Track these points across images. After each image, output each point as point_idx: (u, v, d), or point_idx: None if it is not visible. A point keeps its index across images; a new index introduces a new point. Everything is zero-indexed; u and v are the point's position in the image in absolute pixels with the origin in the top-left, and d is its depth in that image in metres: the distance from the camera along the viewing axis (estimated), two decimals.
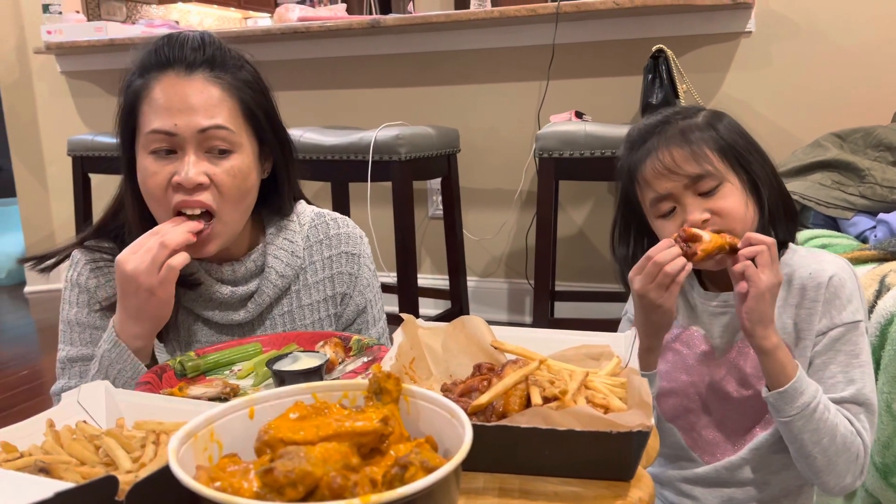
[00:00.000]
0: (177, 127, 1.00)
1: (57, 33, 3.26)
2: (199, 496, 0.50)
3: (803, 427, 0.95)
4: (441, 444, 0.61)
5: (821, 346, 1.02)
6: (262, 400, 0.65)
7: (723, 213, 1.02)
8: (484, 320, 0.91)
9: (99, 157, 2.94)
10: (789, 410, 0.95)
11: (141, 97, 1.02)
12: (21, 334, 3.22)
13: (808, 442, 0.96)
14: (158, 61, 1.03)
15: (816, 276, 1.03)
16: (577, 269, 2.82)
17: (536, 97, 2.74)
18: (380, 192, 2.63)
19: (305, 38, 2.95)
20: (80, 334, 1.10)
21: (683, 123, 1.06)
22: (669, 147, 1.04)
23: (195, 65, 1.03)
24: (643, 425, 0.65)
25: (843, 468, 0.97)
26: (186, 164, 1.00)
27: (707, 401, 1.08)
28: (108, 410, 0.77)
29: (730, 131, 1.06)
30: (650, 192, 1.06)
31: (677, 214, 1.04)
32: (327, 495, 0.49)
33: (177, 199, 1.01)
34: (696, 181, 1.02)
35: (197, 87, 1.02)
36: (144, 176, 1.02)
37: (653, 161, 1.04)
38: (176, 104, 1.00)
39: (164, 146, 1.01)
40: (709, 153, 1.03)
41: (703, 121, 1.07)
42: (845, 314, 1.01)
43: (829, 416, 0.95)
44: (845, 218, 1.87)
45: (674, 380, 1.09)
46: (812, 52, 2.43)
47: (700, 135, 1.04)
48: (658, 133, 1.06)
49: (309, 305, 1.18)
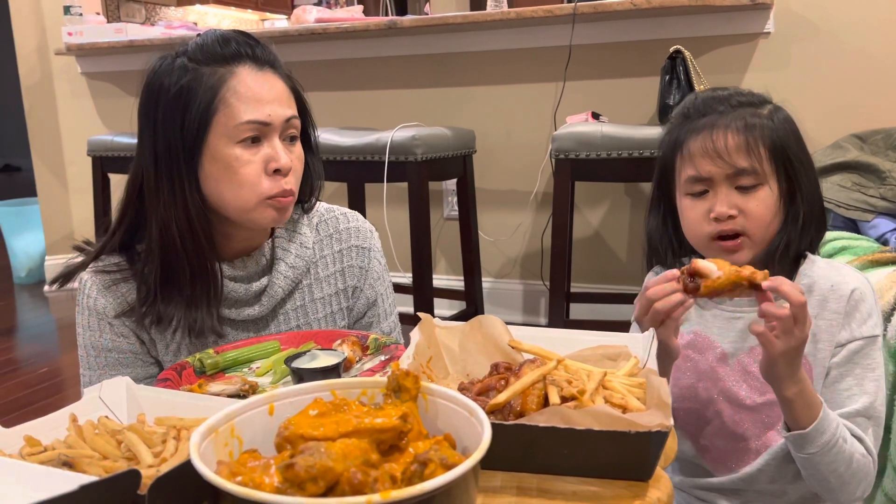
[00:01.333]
0: (269, 117, 1.04)
1: (77, 35, 3.30)
2: (220, 491, 0.51)
3: (821, 461, 0.94)
4: (460, 441, 0.61)
5: (839, 357, 1.00)
6: (281, 396, 0.66)
7: (750, 215, 1.00)
8: (501, 320, 0.91)
9: (118, 158, 2.97)
10: (810, 448, 0.94)
11: (221, 89, 1.03)
12: (41, 332, 3.26)
13: (826, 471, 0.95)
14: (230, 54, 1.05)
15: (838, 288, 1.01)
16: (593, 270, 2.82)
17: (553, 98, 2.74)
18: (396, 193, 2.64)
19: (322, 40, 2.97)
20: (95, 358, 1.11)
21: (749, 111, 1.02)
22: (728, 131, 1.00)
23: (263, 61, 1.07)
24: (662, 425, 0.64)
25: (854, 487, 0.97)
26: (279, 150, 1.05)
27: (719, 407, 1.06)
28: (129, 406, 0.78)
29: (788, 135, 1.03)
30: (690, 168, 1.03)
31: (707, 199, 1.02)
32: (347, 491, 0.50)
33: (273, 184, 1.05)
34: (739, 174, 1.00)
35: (271, 80, 1.07)
36: (236, 165, 1.03)
37: (705, 139, 1.01)
38: (265, 96, 1.04)
39: (253, 135, 1.04)
40: (762, 151, 1.00)
41: (768, 117, 1.03)
42: (865, 328, 1.00)
43: (847, 447, 0.94)
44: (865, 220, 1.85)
45: (685, 386, 1.08)
46: (832, 53, 2.41)
47: (761, 129, 1.01)
48: (721, 112, 1.03)
49: (321, 299, 1.19)
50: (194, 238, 1.05)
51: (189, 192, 1.04)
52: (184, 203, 1.04)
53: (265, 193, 1.05)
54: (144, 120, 1.06)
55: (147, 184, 1.06)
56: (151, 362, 1.13)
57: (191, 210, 1.05)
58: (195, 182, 1.05)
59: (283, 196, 1.07)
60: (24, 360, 2.88)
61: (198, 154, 1.04)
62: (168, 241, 1.05)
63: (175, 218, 1.04)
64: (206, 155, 1.04)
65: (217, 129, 1.03)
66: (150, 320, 1.07)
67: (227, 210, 1.07)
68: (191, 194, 1.04)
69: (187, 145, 1.03)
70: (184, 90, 1.02)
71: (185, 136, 1.03)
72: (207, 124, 1.02)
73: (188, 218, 1.05)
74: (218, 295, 1.09)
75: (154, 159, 1.04)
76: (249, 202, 1.05)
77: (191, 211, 1.05)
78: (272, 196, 1.06)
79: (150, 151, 1.05)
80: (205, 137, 1.03)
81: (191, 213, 1.05)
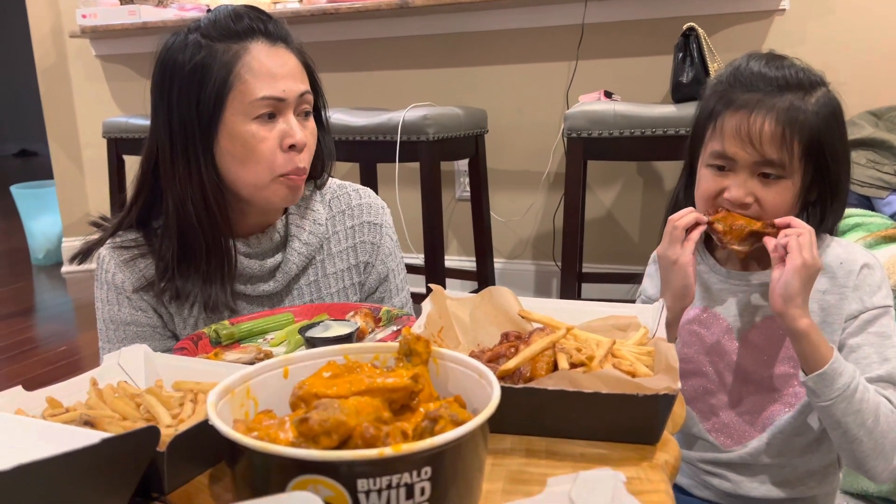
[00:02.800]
0: (284, 92, 1.05)
1: (91, 17, 3.31)
2: (236, 447, 0.52)
3: (846, 409, 0.92)
4: (469, 403, 0.62)
5: (852, 327, 1.00)
6: (296, 360, 0.67)
7: (765, 205, 0.99)
8: (511, 291, 0.92)
9: (133, 139, 2.99)
10: (830, 393, 0.92)
11: (236, 66, 1.03)
12: (59, 312, 3.31)
13: (853, 425, 0.93)
14: (243, 30, 1.05)
15: (847, 264, 1.01)
16: (605, 250, 2.81)
17: (565, 77, 2.73)
18: (408, 174, 2.65)
19: (334, 20, 2.97)
20: (115, 332, 1.13)
21: (795, 98, 0.97)
22: (767, 116, 0.96)
23: (276, 37, 1.07)
24: (670, 388, 0.65)
25: (890, 450, 0.94)
26: (294, 126, 1.06)
27: (726, 381, 1.07)
28: (148, 372, 0.80)
29: (830, 130, 0.99)
30: (718, 143, 1.00)
31: (726, 177, 1.00)
32: (360, 444, 0.51)
33: (287, 160, 1.06)
34: (765, 164, 0.98)
35: (284, 56, 1.07)
36: (252, 142, 1.04)
37: (741, 119, 0.98)
38: (278, 72, 1.05)
39: (269, 111, 1.04)
40: (796, 146, 0.97)
41: (814, 107, 0.98)
42: (877, 298, 1.00)
43: (870, 396, 0.93)
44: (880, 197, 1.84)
45: (692, 361, 1.09)
46: (847, 30, 2.38)
47: (801, 124, 0.97)
48: (766, 93, 0.98)
49: (333, 274, 1.21)
50: (209, 214, 1.06)
51: (205, 168, 1.05)
52: (199, 180, 1.05)
53: (280, 170, 1.06)
54: (158, 97, 1.06)
55: (162, 160, 1.07)
56: (169, 336, 1.14)
57: (206, 187, 1.05)
58: (211, 159, 1.05)
59: (297, 174, 1.08)
60: (43, 339, 2.93)
61: (213, 131, 1.04)
62: (184, 217, 1.06)
63: (191, 194, 1.05)
64: (222, 132, 1.04)
65: (233, 106, 1.03)
66: (169, 296, 1.09)
67: (241, 187, 1.08)
68: (206, 171, 1.05)
69: (203, 122, 1.03)
70: (198, 67, 1.03)
71: (201, 113, 1.03)
72: (223, 101, 1.03)
73: (203, 195, 1.06)
74: (232, 271, 1.10)
75: (169, 136, 1.05)
76: (264, 179, 1.06)
77: (206, 188, 1.05)
78: (286, 173, 1.06)
79: (166, 128, 1.05)
80: (220, 114, 1.03)
81: (206, 190, 1.06)
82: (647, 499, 0.60)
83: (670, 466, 0.67)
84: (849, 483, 1.58)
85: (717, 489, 1.09)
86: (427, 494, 0.52)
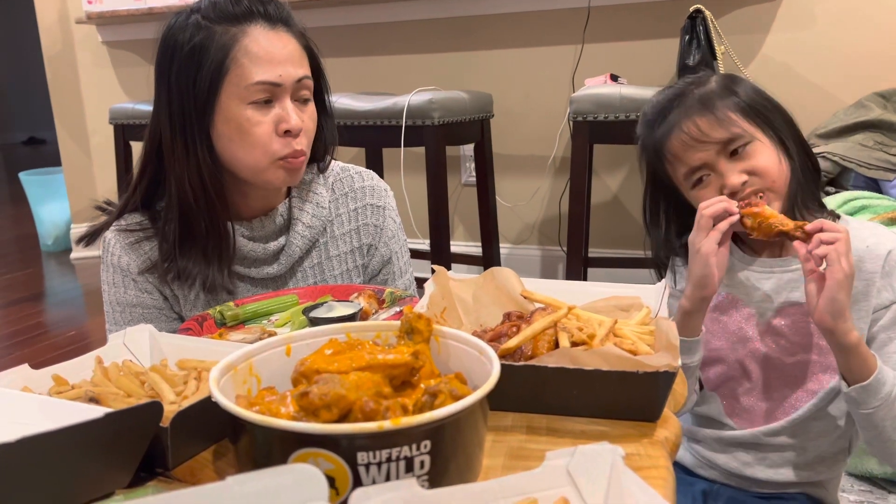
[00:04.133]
0: (281, 77, 1.04)
1: (97, 3, 3.31)
2: (238, 421, 0.53)
3: (886, 415, 0.93)
4: (470, 380, 0.63)
5: (885, 319, 1.00)
6: (298, 338, 0.68)
7: (758, 172, 1.01)
8: (514, 272, 0.92)
9: (140, 125, 2.98)
10: (873, 402, 0.93)
11: (233, 49, 1.03)
12: (68, 298, 3.33)
13: (890, 428, 0.94)
14: (242, 13, 1.04)
15: (875, 248, 1.00)
16: (611, 235, 2.81)
17: (571, 61, 2.71)
18: (413, 159, 2.64)
19: (339, 5, 2.96)
20: (121, 314, 1.13)
21: (700, 92, 1.05)
22: (692, 117, 1.03)
23: (276, 19, 1.07)
24: (670, 366, 0.65)
25: None
26: (290, 111, 1.05)
27: (748, 367, 1.07)
28: (152, 352, 0.81)
29: (747, 92, 1.05)
30: (681, 166, 1.05)
31: (713, 181, 1.04)
32: (360, 418, 0.51)
33: (284, 145, 1.06)
34: (726, 145, 1.01)
35: (284, 39, 1.06)
36: (247, 126, 1.04)
37: (678, 134, 1.04)
38: (277, 56, 1.04)
39: (265, 96, 1.04)
40: (732, 116, 1.02)
41: (719, 86, 1.06)
42: None
43: None
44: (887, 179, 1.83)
45: (715, 347, 1.09)
46: (856, 10, 2.35)
47: (720, 100, 1.03)
48: (676, 106, 1.06)
49: (337, 257, 1.21)
50: (207, 196, 1.07)
51: (201, 151, 1.05)
52: (196, 162, 1.06)
53: (276, 154, 1.06)
54: (159, 77, 1.07)
55: (164, 141, 1.07)
56: (175, 318, 1.15)
57: (203, 169, 1.06)
58: (207, 141, 1.06)
59: (295, 157, 1.07)
60: (52, 324, 2.95)
61: (210, 114, 1.04)
62: (184, 198, 1.07)
63: (188, 176, 1.06)
64: (219, 115, 1.04)
65: (228, 90, 1.03)
66: (173, 276, 1.10)
67: (240, 170, 1.08)
68: (202, 153, 1.05)
69: (199, 105, 1.04)
70: (196, 48, 1.03)
71: (198, 95, 1.03)
72: (219, 84, 1.03)
73: (200, 177, 1.06)
74: (230, 253, 1.11)
75: (169, 117, 1.06)
76: (261, 163, 1.06)
77: (203, 170, 1.06)
78: (283, 157, 1.06)
79: (166, 109, 1.06)
80: (216, 97, 1.03)
81: (203, 172, 1.06)
82: (647, 474, 0.61)
83: (671, 443, 0.67)
84: (853, 465, 1.58)
85: (723, 469, 1.09)
86: (427, 468, 0.52)
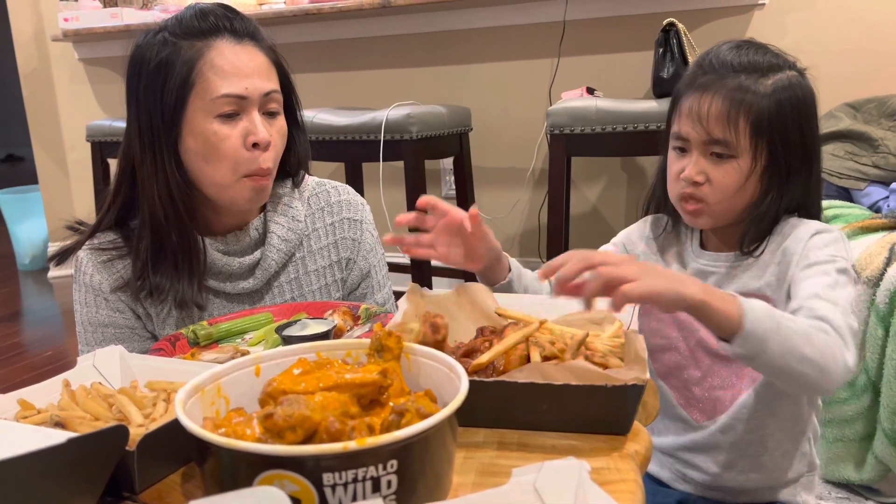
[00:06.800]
0: (247, 90, 1.04)
1: (73, 20, 3.29)
2: (204, 444, 0.52)
3: (779, 349, 0.80)
4: (440, 397, 0.63)
5: (798, 274, 0.95)
6: (268, 358, 0.68)
7: (715, 185, 1.00)
8: (486, 287, 0.93)
9: (117, 143, 2.97)
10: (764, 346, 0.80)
11: (198, 63, 1.02)
12: (45, 317, 3.29)
13: (792, 360, 0.81)
14: (208, 28, 1.04)
15: (799, 233, 1.00)
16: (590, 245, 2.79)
17: (548, 74, 2.73)
18: (393, 173, 2.65)
19: (317, 20, 2.96)
20: (93, 334, 1.12)
21: (746, 81, 0.99)
22: (715, 95, 0.99)
23: (242, 34, 1.07)
24: (638, 379, 0.66)
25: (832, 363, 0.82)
26: (258, 124, 1.05)
27: (696, 355, 1.08)
28: (123, 373, 0.80)
29: (784, 114, 0.98)
30: (676, 124, 1.04)
31: (685, 158, 1.03)
32: (325, 439, 0.51)
33: (251, 159, 1.05)
34: (713, 143, 1.00)
35: (250, 53, 1.06)
36: (214, 140, 1.03)
37: (694, 100, 1.01)
38: (242, 69, 1.04)
39: (231, 109, 1.04)
40: (742, 124, 0.98)
41: (768, 89, 0.98)
42: (822, 253, 0.95)
43: (795, 325, 0.82)
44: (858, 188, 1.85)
45: (665, 336, 1.10)
46: (826, 24, 2.40)
47: (750, 102, 0.97)
48: (720, 75, 1.00)
49: (315, 271, 1.21)
50: (176, 211, 1.06)
51: (169, 166, 1.05)
52: (165, 177, 1.05)
53: (243, 169, 1.05)
54: (129, 94, 1.07)
55: (135, 158, 1.07)
56: (148, 337, 1.14)
57: (171, 184, 1.06)
58: (175, 157, 1.06)
59: (261, 174, 1.07)
60: (29, 343, 2.92)
61: (177, 128, 1.04)
62: (154, 214, 1.07)
63: (158, 191, 1.06)
64: (185, 129, 1.04)
65: (194, 103, 1.03)
66: (146, 293, 1.09)
67: (206, 185, 1.08)
68: (171, 169, 1.05)
69: (166, 119, 1.04)
70: (162, 64, 1.03)
71: (164, 109, 1.03)
72: (185, 98, 1.03)
73: (169, 192, 1.06)
74: (201, 268, 1.10)
75: (139, 134, 1.06)
76: (227, 178, 1.06)
77: (171, 185, 1.06)
78: (249, 174, 1.06)
79: (135, 125, 1.06)
80: (182, 111, 1.03)
81: (171, 188, 1.06)
82: (616, 488, 0.61)
83: (640, 456, 0.67)
84: (830, 472, 1.60)
85: (697, 482, 1.10)
86: (394, 487, 0.52)
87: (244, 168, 1.06)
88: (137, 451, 0.59)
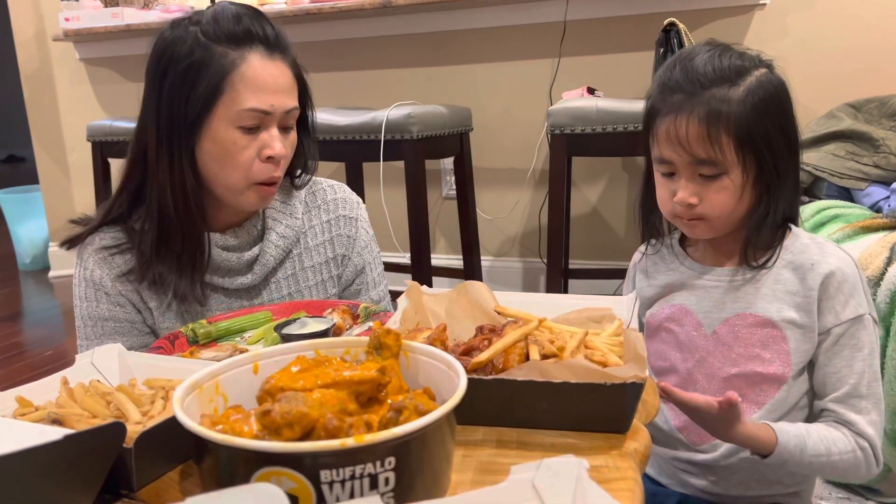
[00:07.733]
0: (272, 107, 1.06)
1: (74, 20, 3.29)
2: (201, 441, 0.52)
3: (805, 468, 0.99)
4: (439, 394, 0.63)
5: (826, 343, 1.00)
6: (266, 356, 0.68)
7: (710, 203, 0.98)
8: (487, 286, 0.93)
9: (118, 142, 2.97)
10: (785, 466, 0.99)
11: (230, 75, 1.04)
12: (46, 317, 3.29)
13: (816, 470, 1.00)
14: (242, 33, 1.05)
15: (818, 266, 0.99)
16: (591, 246, 2.82)
17: (549, 74, 2.73)
18: (393, 173, 2.65)
19: (318, 20, 2.96)
20: (93, 328, 1.13)
21: (718, 94, 0.95)
22: (690, 116, 0.95)
23: (274, 47, 1.08)
24: (637, 377, 0.66)
25: (853, 476, 1.00)
26: (275, 139, 1.08)
27: (696, 378, 1.05)
28: (121, 371, 0.80)
29: (761, 117, 0.96)
30: (657, 149, 1.01)
31: (674, 181, 1.01)
32: (323, 436, 0.51)
33: (264, 170, 1.08)
34: (700, 163, 0.97)
35: (280, 68, 1.08)
36: (233, 149, 1.06)
37: (669, 124, 0.97)
38: (271, 85, 1.06)
39: (254, 123, 1.06)
40: (724, 139, 0.95)
41: (741, 96, 0.96)
42: (848, 310, 0.99)
43: (819, 460, 0.97)
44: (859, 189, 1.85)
45: (667, 358, 1.08)
46: (827, 24, 2.40)
47: (726, 118, 0.95)
48: (690, 94, 0.96)
49: (311, 268, 1.23)
50: (187, 209, 1.08)
51: (185, 165, 1.07)
52: (180, 174, 1.07)
53: (255, 178, 1.09)
54: (151, 84, 1.07)
55: (149, 147, 1.08)
56: (147, 332, 1.15)
57: (185, 182, 1.07)
58: (191, 156, 1.07)
59: (270, 184, 1.11)
60: (30, 343, 2.91)
61: (198, 131, 1.06)
62: (163, 208, 1.08)
63: (170, 187, 1.07)
64: (206, 133, 1.06)
65: (220, 111, 1.05)
66: (148, 282, 1.11)
67: (216, 186, 1.10)
68: (186, 168, 1.07)
69: (189, 121, 1.05)
70: (194, 66, 1.04)
71: (189, 112, 1.05)
72: (212, 105, 1.04)
73: (183, 189, 1.08)
74: (204, 264, 1.12)
75: (157, 126, 1.07)
76: (238, 185, 1.09)
77: (185, 183, 1.07)
78: (260, 182, 1.09)
79: (154, 118, 1.07)
80: (207, 117, 1.05)
81: (185, 186, 1.08)
82: (615, 486, 0.61)
83: (640, 455, 0.67)
84: None
85: (695, 487, 1.09)
86: (392, 485, 0.52)
87: (256, 177, 1.09)
88: (135, 449, 0.58)
